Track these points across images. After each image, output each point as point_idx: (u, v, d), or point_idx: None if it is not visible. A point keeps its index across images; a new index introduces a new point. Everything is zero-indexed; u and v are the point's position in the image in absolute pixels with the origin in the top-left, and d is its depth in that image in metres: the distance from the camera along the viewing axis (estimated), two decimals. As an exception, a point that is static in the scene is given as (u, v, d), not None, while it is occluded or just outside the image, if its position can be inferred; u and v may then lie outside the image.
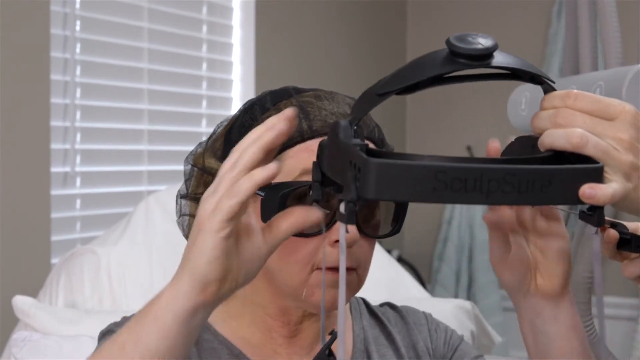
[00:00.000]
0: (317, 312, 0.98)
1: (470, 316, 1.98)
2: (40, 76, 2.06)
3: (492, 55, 0.69)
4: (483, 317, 2.05)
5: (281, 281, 0.95)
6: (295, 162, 0.94)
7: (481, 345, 2.03)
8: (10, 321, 1.77)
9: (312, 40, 3.19)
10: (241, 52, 2.87)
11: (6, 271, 1.95)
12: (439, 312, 1.17)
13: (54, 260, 2.09)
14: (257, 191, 0.75)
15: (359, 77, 3.35)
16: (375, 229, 0.96)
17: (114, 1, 2.37)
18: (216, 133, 1.02)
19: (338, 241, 0.91)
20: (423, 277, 3.57)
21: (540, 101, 0.76)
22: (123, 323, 0.87)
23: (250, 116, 0.99)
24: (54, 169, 2.15)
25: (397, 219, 0.96)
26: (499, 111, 1.47)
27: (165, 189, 2.10)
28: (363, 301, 1.12)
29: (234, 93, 2.87)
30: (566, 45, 1.94)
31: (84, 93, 2.26)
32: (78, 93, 2.24)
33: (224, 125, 1.02)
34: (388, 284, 2.06)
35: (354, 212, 0.67)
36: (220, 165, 0.98)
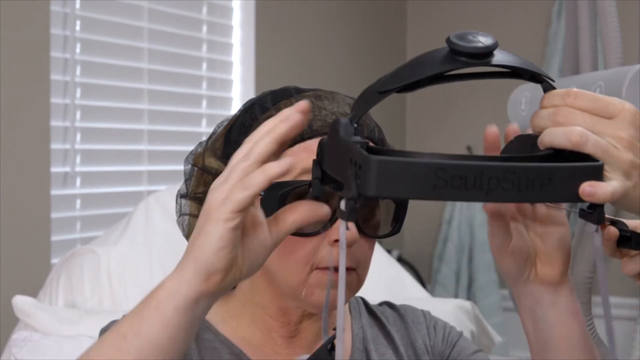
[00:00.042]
0: (317, 312, 0.98)
1: (470, 316, 1.97)
2: (40, 76, 2.06)
3: (493, 53, 0.69)
4: (483, 317, 2.05)
5: (281, 281, 0.95)
6: (294, 162, 0.93)
7: (481, 345, 2.03)
8: (10, 321, 1.77)
9: (312, 40, 3.19)
10: (241, 52, 2.87)
11: (6, 271, 1.95)
12: (439, 312, 1.17)
13: (54, 260, 2.09)
14: None
15: (359, 77, 3.35)
16: (375, 229, 0.95)
17: (114, 1, 2.37)
18: (216, 133, 1.02)
19: (337, 241, 0.91)
20: (423, 277, 3.57)
21: (540, 100, 0.76)
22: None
23: (250, 116, 0.99)
24: (54, 169, 2.15)
25: (397, 219, 0.96)
26: (499, 111, 1.47)
27: (165, 189, 2.09)
28: (362, 300, 1.12)
29: (234, 93, 2.87)
30: (566, 45, 1.94)
31: (84, 93, 2.26)
32: (78, 93, 2.24)
33: (224, 125, 1.02)
34: (388, 284, 2.06)
35: (355, 209, 0.67)
36: (220, 164, 0.98)
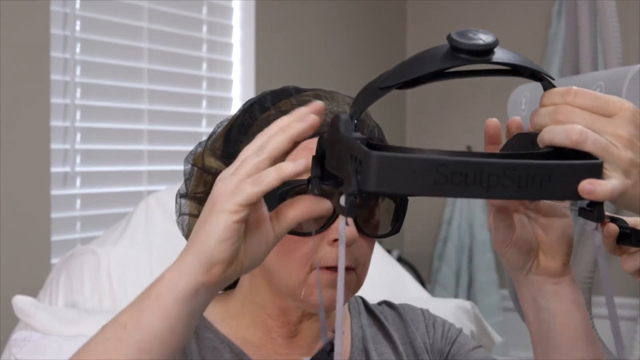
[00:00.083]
0: (316, 312, 0.98)
1: (470, 316, 1.98)
2: (40, 76, 2.06)
3: (493, 51, 0.69)
4: (483, 317, 2.05)
5: (280, 281, 0.95)
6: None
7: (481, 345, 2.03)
8: (10, 321, 1.77)
9: (312, 40, 3.19)
10: (241, 52, 2.87)
11: (6, 271, 1.95)
12: (439, 312, 1.17)
13: (54, 260, 2.09)
14: None
15: (359, 77, 3.35)
16: (374, 229, 0.95)
17: (114, 1, 2.37)
18: (216, 133, 1.02)
19: (336, 240, 0.91)
20: (423, 277, 3.57)
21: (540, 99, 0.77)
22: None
23: (249, 115, 0.99)
24: (54, 169, 2.15)
25: (397, 219, 0.96)
26: (499, 111, 1.47)
27: (165, 189, 2.09)
28: (362, 300, 1.12)
29: (234, 93, 2.87)
30: (566, 45, 1.94)
31: (84, 93, 2.26)
32: (78, 93, 2.24)
33: (224, 125, 1.02)
34: (388, 284, 2.06)
35: (355, 205, 0.67)
36: (219, 164, 0.98)
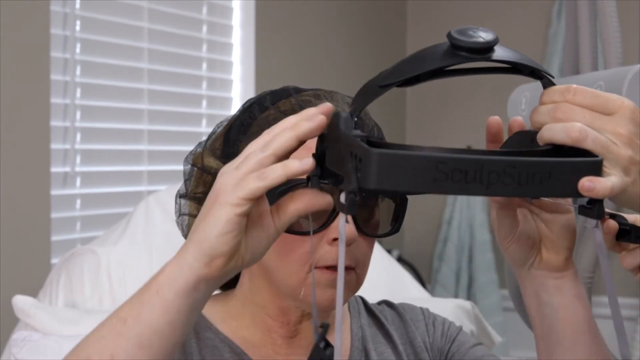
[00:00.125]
0: (317, 312, 0.98)
1: (470, 316, 1.97)
2: (40, 76, 2.06)
3: (493, 49, 0.69)
4: (483, 317, 2.05)
5: (280, 281, 0.95)
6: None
7: (481, 345, 2.03)
8: (10, 321, 1.77)
9: (312, 40, 3.19)
10: (241, 52, 2.87)
11: (6, 271, 1.95)
12: (439, 312, 1.17)
13: (54, 260, 2.09)
14: None
15: (359, 77, 3.34)
16: (374, 228, 0.95)
17: (114, 1, 2.37)
18: (216, 133, 1.02)
19: (336, 239, 0.91)
20: (423, 277, 3.57)
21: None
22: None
23: (249, 115, 0.99)
24: (54, 169, 2.15)
25: (397, 219, 0.96)
26: (499, 111, 1.47)
27: (165, 189, 2.10)
28: (362, 300, 1.12)
29: (234, 93, 2.87)
30: (566, 45, 1.94)
31: (84, 93, 2.26)
32: (78, 93, 2.24)
33: (224, 125, 1.02)
34: (388, 284, 2.06)
35: (355, 203, 0.67)
36: (219, 164, 0.98)
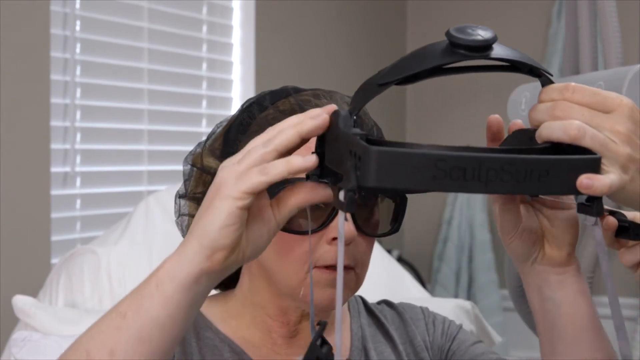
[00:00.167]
0: (316, 312, 0.98)
1: (470, 316, 1.98)
2: (40, 76, 2.06)
3: (492, 47, 0.70)
4: (483, 317, 2.05)
5: (279, 280, 0.95)
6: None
7: (481, 345, 2.03)
8: (10, 321, 1.77)
9: (312, 40, 3.19)
10: (241, 52, 2.87)
11: (6, 271, 1.95)
12: (439, 312, 1.17)
13: (54, 260, 2.09)
14: None
15: (359, 77, 3.33)
16: (374, 228, 0.95)
17: (114, 1, 2.37)
18: (215, 133, 1.02)
19: (335, 239, 0.91)
20: (423, 277, 3.57)
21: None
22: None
23: (248, 115, 0.99)
24: (54, 169, 2.15)
25: (396, 218, 0.96)
26: (499, 111, 1.47)
27: (165, 189, 2.10)
28: (361, 300, 1.12)
29: (234, 93, 2.87)
30: (566, 45, 1.94)
31: (84, 93, 2.26)
32: (78, 93, 2.24)
33: (223, 125, 1.02)
34: (388, 284, 2.06)
35: (354, 200, 0.67)
36: (218, 164, 0.98)
